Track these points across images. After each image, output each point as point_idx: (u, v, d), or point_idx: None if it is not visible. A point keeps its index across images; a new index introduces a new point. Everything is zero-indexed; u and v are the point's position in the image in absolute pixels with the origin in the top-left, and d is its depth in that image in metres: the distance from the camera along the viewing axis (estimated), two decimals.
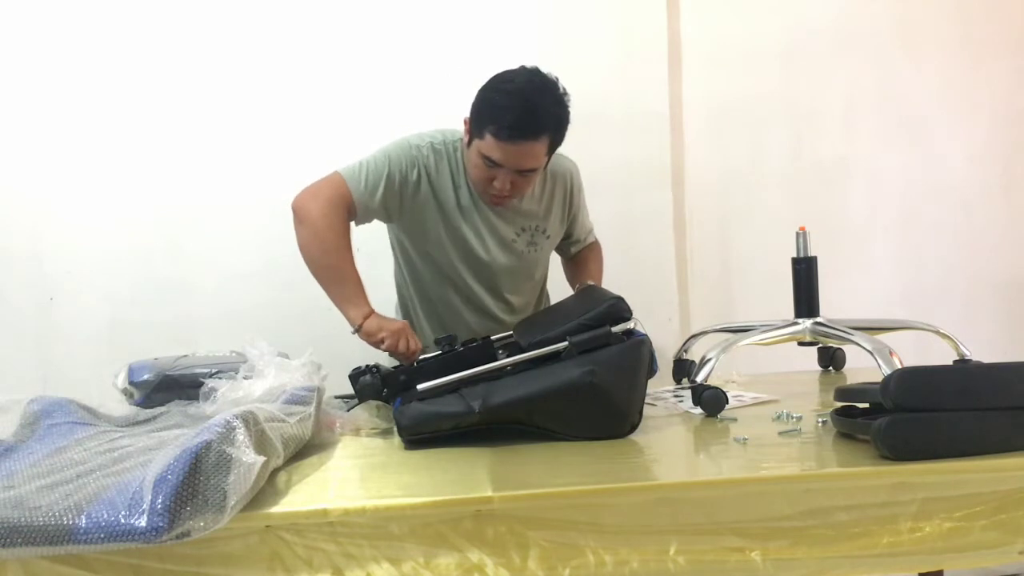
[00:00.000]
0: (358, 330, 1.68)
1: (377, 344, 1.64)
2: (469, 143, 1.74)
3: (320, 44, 2.43)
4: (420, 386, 1.42)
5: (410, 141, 1.83)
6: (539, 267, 1.97)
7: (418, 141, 1.83)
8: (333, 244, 1.71)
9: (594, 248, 2.09)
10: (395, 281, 2.02)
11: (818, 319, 1.82)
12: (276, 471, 1.17)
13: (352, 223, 1.79)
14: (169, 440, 1.23)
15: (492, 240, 1.86)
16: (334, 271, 1.71)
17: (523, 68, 1.72)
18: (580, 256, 2.06)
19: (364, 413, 1.52)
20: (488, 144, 1.67)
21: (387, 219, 1.86)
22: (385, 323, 1.68)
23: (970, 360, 1.81)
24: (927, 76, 2.65)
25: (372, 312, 1.70)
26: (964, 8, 2.66)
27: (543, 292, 2.06)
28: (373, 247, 2.39)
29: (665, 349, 2.09)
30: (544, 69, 1.74)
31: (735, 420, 1.47)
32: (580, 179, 1.99)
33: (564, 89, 1.72)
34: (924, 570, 1.30)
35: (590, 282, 1.88)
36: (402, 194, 1.80)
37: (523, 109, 1.64)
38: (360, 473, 1.25)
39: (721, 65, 2.57)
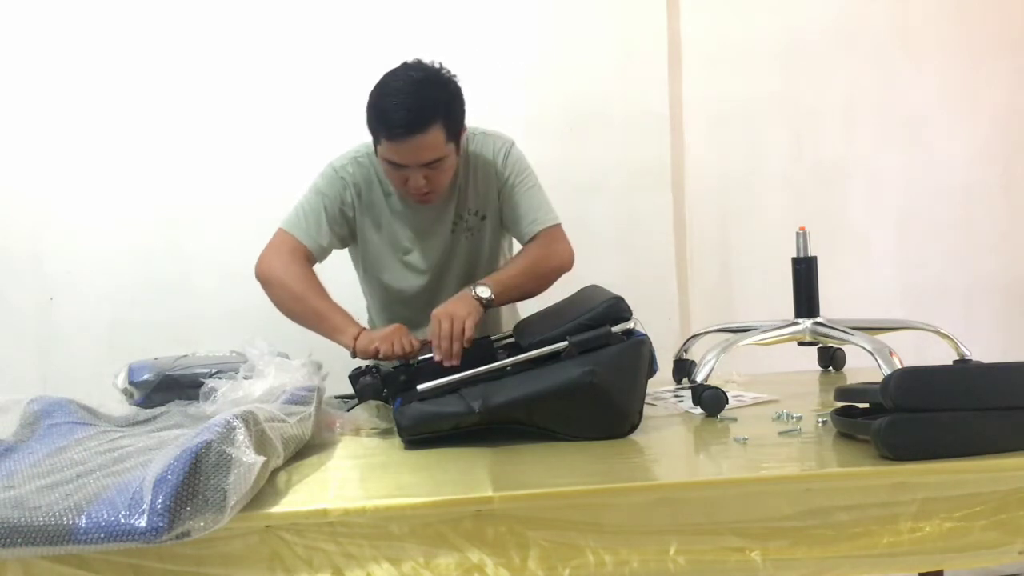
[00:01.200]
0: (354, 352, 1.67)
1: (375, 355, 1.63)
2: (377, 153, 1.74)
3: (320, 44, 2.43)
4: (420, 386, 1.42)
5: (334, 166, 1.86)
6: (485, 252, 1.91)
7: (342, 162, 1.86)
8: (301, 290, 1.75)
9: (536, 242, 1.82)
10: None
11: (818, 319, 1.82)
12: (276, 471, 1.17)
13: (314, 266, 1.83)
14: (169, 440, 1.23)
15: (426, 235, 1.85)
16: (312, 313, 1.73)
17: (403, 65, 1.71)
18: (522, 250, 1.87)
19: (364, 413, 1.52)
20: (385, 148, 1.68)
21: (343, 246, 1.90)
22: (375, 333, 1.68)
23: (970, 360, 1.81)
24: (927, 76, 2.65)
25: (361, 330, 1.69)
26: (964, 8, 2.66)
27: None
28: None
29: (665, 349, 2.08)
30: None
31: (735, 420, 1.47)
32: (513, 156, 1.86)
33: (448, 72, 1.71)
34: (924, 570, 1.30)
35: (482, 280, 1.70)
36: (345, 217, 1.84)
37: (403, 107, 1.63)
38: (360, 473, 1.25)
39: (721, 65, 2.57)
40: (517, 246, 1.94)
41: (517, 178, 1.86)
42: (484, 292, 1.63)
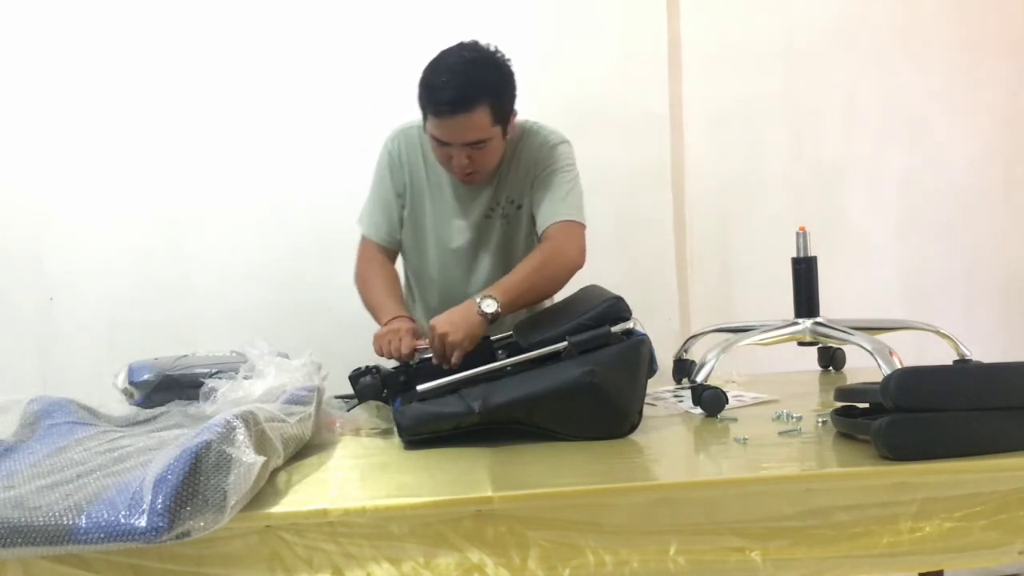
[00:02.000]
0: None
1: (380, 355, 1.64)
2: (425, 128, 1.77)
3: (320, 44, 2.43)
4: (420, 386, 1.42)
5: (385, 139, 1.93)
6: (521, 241, 1.90)
7: (392, 134, 1.93)
8: (365, 290, 1.87)
9: (546, 239, 1.77)
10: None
11: (818, 319, 1.82)
12: (276, 471, 1.17)
13: (396, 251, 1.94)
14: (169, 440, 1.23)
15: (463, 217, 1.87)
16: (370, 307, 1.84)
17: (459, 44, 1.73)
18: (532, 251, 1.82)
19: (364, 413, 1.52)
20: (432, 124, 1.71)
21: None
22: (381, 329, 1.69)
23: (970, 360, 1.81)
24: (927, 76, 2.65)
25: (391, 319, 1.72)
26: (964, 8, 2.66)
27: None
28: None
29: (665, 349, 2.09)
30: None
31: (735, 420, 1.47)
32: (558, 151, 1.83)
33: (502, 56, 1.73)
34: (924, 570, 1.30)
35: (491, 288, 1.64)
36: (397, 192, 1.90)
37: (452, 84, 1.65)
38: (360, 473, 1.25)
39: (721, 65, 2.57)
40: None
41: (552, 169, 1.82)
42: (489, 307, 1.58)
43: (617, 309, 1.43)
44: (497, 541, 1.05)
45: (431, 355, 1.58)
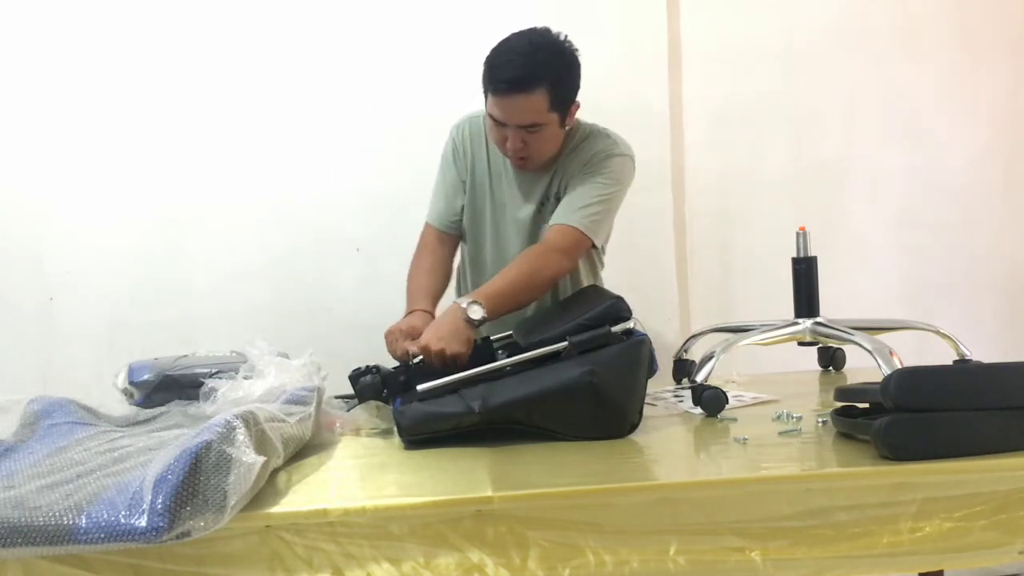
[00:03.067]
0: None
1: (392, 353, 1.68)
2: (486, 110, 1.78)
3: (320, 44, 2.43)
4: (420, 386, 1.42)
5: (453, 128, 1.96)
6: None
7: (461, 119, 1.95)
8: (410, 276, 1.90)
9: (539, 245, 1.77)
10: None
11: (818, 319, 1.82)
12: (276, 471, 1.17)
13: (456, 237, 1.97)
14: (169, 440, 1.23)
15: (515, 204, 1.88)
16: (408, 295, 1.87)
17: (529, 28, 1.75)
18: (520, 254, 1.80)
19: (364, 413, 1.52)
20: (490, 102, 1.72)
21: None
22: (395, 327, 1.71)
23: (970, 360, 1.81)
24: (927, 76, 2.65)
25: (409, 313, 1.76)
26: (964, 8, 2.65)
27: (592, 276, 1.96)
28: (372, 249, 2.40)
29: (665, 349, 2.09)
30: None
31: (735, 420, 1.47)
32: (612, 161, 1.80)
33: (571, 45, 1.75)
34: (924, 570, 1.30)
35: (473, 293, 1.66)
36: (460, 176, 1.93)
37: (513, 64, 1.67)
38: (360, 473, 1.25)
39: (721, 65, 2.57)
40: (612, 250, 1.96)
41: (592, 175, 1.79)
42: (476, 314, 1.57)
43: (617, 309, 1.43)
44: (497, 541, 1.05)
45: None
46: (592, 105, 2.48)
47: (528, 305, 1.77)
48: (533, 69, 1.67)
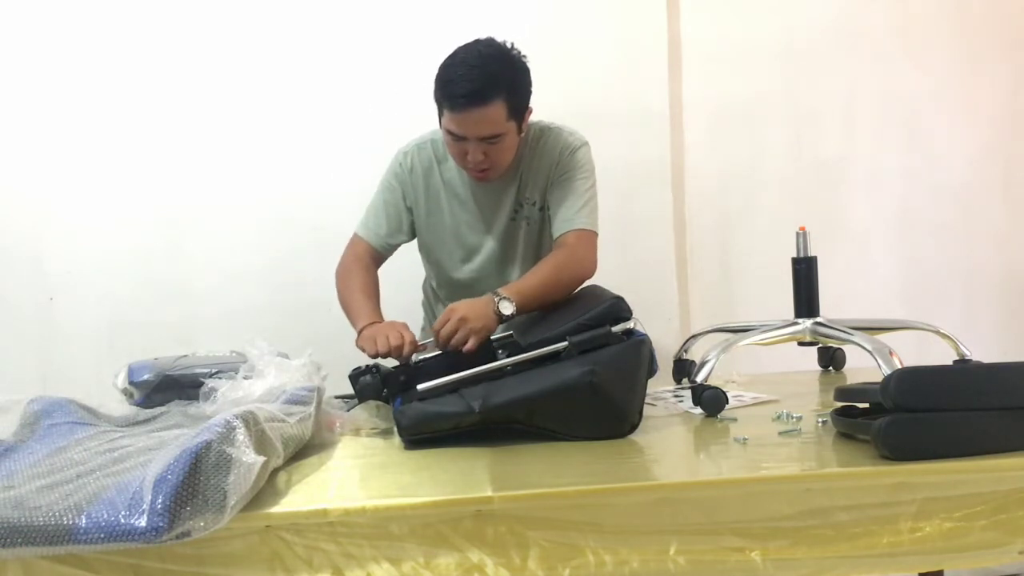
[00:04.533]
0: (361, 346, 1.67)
1: (374, 353, 1.61)
2: (440, 125, 1.77)
3: (319, 45, 2.43)
4: (420, 386, 1.42)
5: (399, 152, 1.93)
6: (546, 244, 1.90)
7: (406, 148, 1.93)
8: (344, 285, 1.86)
9: (562, 247, 1.78)
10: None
11: (818, 319, 1.82)
12: (276, 471, 1.17)
13: (386, 257, 1.94)
14: (169, 440, 1.23)
15: (485, 221, 1.87)
16: (346, 305, 1.83)
17: (475, 40, 1.74)
18: (547, 256, 1.83)
19: (364, 413, 1.52)
20: (447, 119, 1.72)
21: (412, 235, 1.95)
22: (368, 330, 1.66)
23: (970, 360, 1.81)
24: (927, 76, 2.65)
25: (369, 323, 1.69)
26: (964, 8, 2.66)
27: None
28: None
29: (665, 349, 2.09)
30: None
31: (735, 420, 1.47)
32: (579, 154, 1.84)
33: (518, 52, 1.74)
34: (924, 570, 1.30)
35: (507, 288, 1.66)
36: (406, 205, 1.90)
37: (467, 78, 1.66)
38: (360, 473, 1.25)
39: (721, 65, 2.57)
40: None
41: (570, 173, 1.84)
42: (507, 309, 1.60)
43: (617, 309, 1.43)
44: (497, 541, 1.05)
45: (432, 355, 1.58)
46: (592, 105, 2.50)
47: (554, 301, 1.74)
48: (489, 80, 1.67)
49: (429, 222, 1.91)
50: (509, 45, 1.74)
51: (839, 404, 1.34)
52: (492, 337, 1.64)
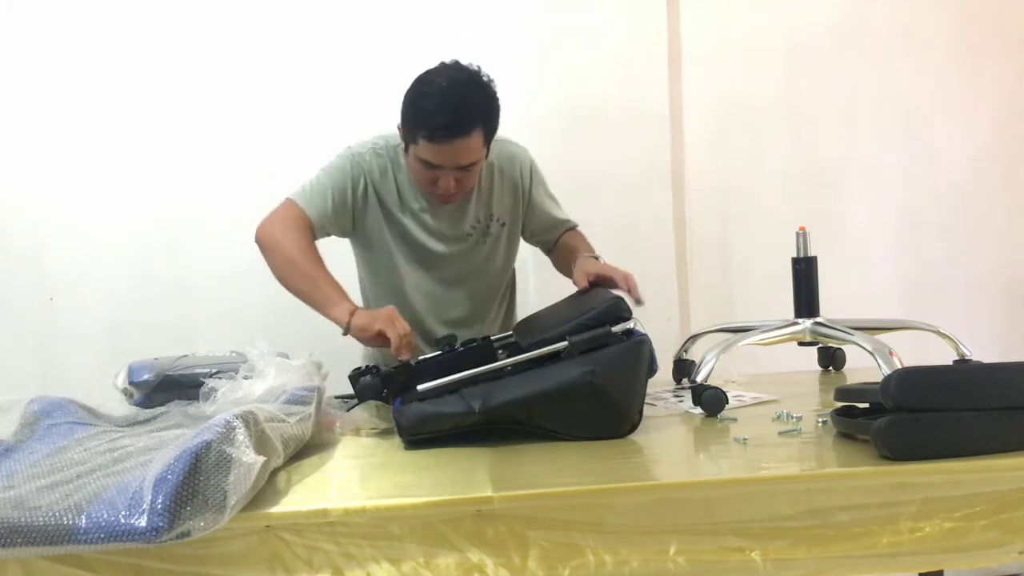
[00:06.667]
0: (348, 329, 1.63)
1: (374, 337, 1.58)
2: (406, 150, 1.73)
3: (319, 45, 2.43)
4: (420, 386, 1.42)
5: (352, 150, 1.84)
6: (500, 260, 1.92)
7: (360, 149, 1.83)
8: (297, 255, 1.72)
9: (576, 233, 1.97)
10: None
11: (818, 319, 1.82)
12: (276, 471, 1.17)
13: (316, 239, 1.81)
14: (169, 440, 1.23)
15: (442, 237, 1.85)
16: (309, 280, 1.71)
17: (442, 65, 1.69)
18: (562, 242, 1.95)
19: (364, 413, 1.52)
20: (423, 148, 1.66)
21: (342, 234, 1.86)
22: (374, 312, 1.63)
23: (970, 360, 1.81)
24: (927, 76, 2.65)
25: (356, 307, 1.65)
26: (965, 8, 2.66)
27: (510, 293, 2.02)
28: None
29: (665, 349, 2.08)
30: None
31: (735, 420, 1.47)
32: (534, 166, 1.93)
33: (488, 76, 1.70)
34: (924, 570, 1.30)
35: (586, 255, 1.79)
36: (354, 207, 1.81)
37: (450, 108, 1.62)
38: (360, 473, 1.25)
39: (721, 65, 2.57)
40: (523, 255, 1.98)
41: (542, 187, 1.95)
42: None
43: (617, 309, 1.43)
44: (497, 541, 1.05)
45: (432, 355, 1.58)
46: (592, 105, 2.50)
47: None
48: (468, 111, 1.63)
49: (378, 233, 1.83)
50: (476, 68, 1.69)
51: (839, 404, 1.34)
52: (492, 337, 1.64)
